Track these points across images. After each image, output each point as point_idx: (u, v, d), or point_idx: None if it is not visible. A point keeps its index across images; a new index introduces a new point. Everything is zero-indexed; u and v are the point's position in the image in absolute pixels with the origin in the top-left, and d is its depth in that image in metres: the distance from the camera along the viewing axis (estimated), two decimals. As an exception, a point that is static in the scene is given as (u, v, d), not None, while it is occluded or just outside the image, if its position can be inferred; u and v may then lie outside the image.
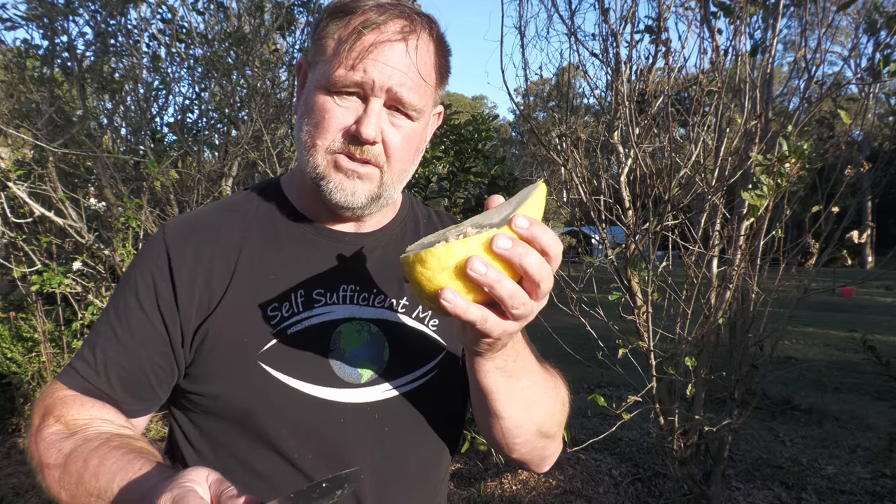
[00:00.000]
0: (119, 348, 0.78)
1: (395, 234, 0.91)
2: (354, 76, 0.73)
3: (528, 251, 0.54)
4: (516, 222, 0.54)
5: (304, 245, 0.84)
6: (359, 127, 0.74)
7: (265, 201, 0.88)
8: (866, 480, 3.38)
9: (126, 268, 0.85)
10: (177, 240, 0.81)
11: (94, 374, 0.78)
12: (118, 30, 3.18)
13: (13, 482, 3.13)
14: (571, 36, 2.79)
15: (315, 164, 0.78)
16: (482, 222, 0.61)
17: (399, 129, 0.78)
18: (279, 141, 3.37)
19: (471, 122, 4.55)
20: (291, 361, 0.78)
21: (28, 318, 3.63)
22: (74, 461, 0.70)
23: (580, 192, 2.68)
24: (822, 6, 2.29)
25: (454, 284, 0.54)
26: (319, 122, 0.76)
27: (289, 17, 3.41)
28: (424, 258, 0.54)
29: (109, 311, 0.81)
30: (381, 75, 0.73)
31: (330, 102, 0.75)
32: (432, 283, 0.54)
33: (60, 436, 0.74)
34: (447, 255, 0.53)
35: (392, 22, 0.74)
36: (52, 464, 0.72)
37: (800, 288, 2.40)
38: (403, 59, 0.74)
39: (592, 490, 3.20)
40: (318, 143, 0.77)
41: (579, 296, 2.64)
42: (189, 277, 0.79)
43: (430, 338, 0.87)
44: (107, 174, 3.04)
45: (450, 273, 0.54)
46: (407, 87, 0.75)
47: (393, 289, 0.86)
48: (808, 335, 8.35)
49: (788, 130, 2.13)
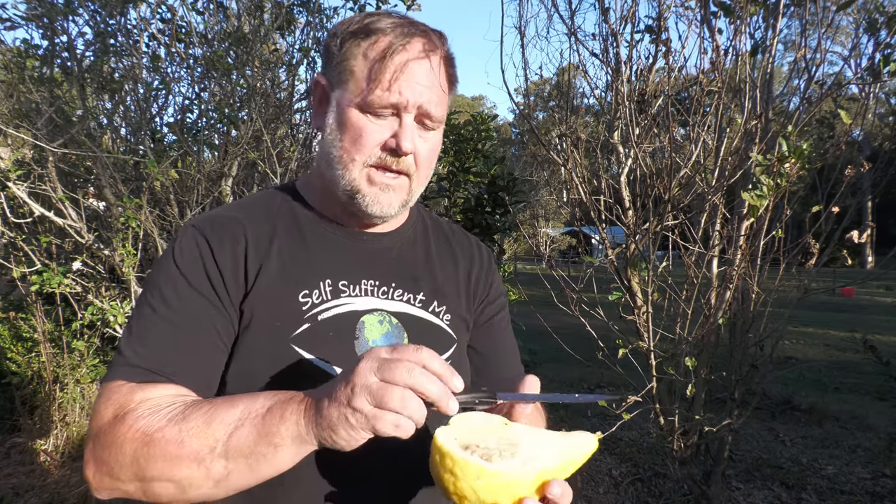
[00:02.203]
0: (182, 333, 0.77)
1: (408, 235, 0.98)
2: (391, 98, 0.80)
3: None
4: (552, 490, 0.61)
5: (326, 242, 0.90)
6: (399, 141, 0.81)
7: (285, 202, 0.93)
8: (866, 480, 3.38)
9: (158, 267, 0.83)
10: (210, 230, 0.84)
11: (162, 365, 0.75)
12: (118, 30, 3.18)
13: (13, 482, 3.12)
14: (571, 36, 2.79)
15: (351, 178, 0.84)
16: (514, 441, 0.64)
17: (426, 140, 0.86)
18: (279, 141, 3.37)
19: (470, 122, 4.55)
20: (321, 345, 0.82)
21: (28, 318, 3.63)
22: (194, 410, 0.67)
23: (580, 192, 2.68)
24: (823, 6, 2.29)
25: (471, 494, 0.60)
26: (357, 138, 0.82)
27: (288, 16, 3.41)
28: (457, 465, 0.59)
29: (151, 305, 0.79)
30: (413, 94, 0.80)
31: (365, 120, 0.81)
32: (455, 486, 0.60)
33: (159, 407, 0.69)
34: (477, 474, 0.58)
35: (415, 42, 0.81)
36: (165, 425, 0.66)
37: (800, 288, 2.40)
38: (429, 76, 0.82)
39: (592, 490, 3.19)
40: (357, 157, 0.83)
41: (579, 296, 2.64)
42: (232, 260, 0.82)
43: (445, 331, 0.93)
44: (106, 174, 3.04)
45: (471, 487, 0.59)
46: (434, 104, 0.83)
47: (409, 285, 0.92)
48: (809, 335, 8.35)
49: (788, 130, 2.13)
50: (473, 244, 1.07)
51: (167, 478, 0.65)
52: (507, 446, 0.62)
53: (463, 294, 0.98)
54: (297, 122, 3.75)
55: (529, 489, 0.60)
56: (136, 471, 0.66)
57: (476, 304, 1.01)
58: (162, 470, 0.65)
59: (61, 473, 3.24)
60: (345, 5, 3.56)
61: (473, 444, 0.62)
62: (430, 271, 0.96)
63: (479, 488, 0.58)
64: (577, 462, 0.64)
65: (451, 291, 0.97)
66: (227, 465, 0.65)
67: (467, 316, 0.98)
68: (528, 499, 0.60)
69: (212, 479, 0.65)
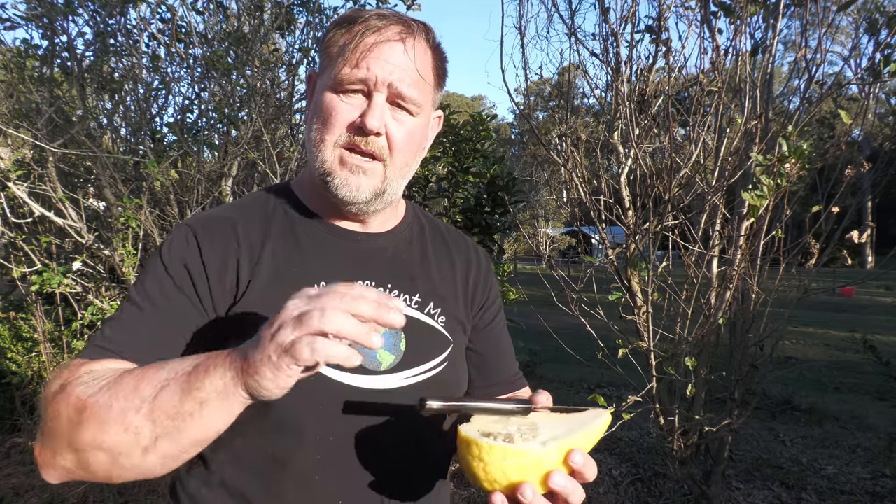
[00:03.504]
0: (149, 319, 0.77)
1: (404, 235, 0.97)
2: (358, 73, 0.79)
3: (577, 488, 0.64)
4: (574, 459, 0.64)
5: (320, 243, 0.88)
6: (364, 119, 0.80)
7: (279, 201, 0.92)
8: (866, 480, 3.38)
9: (145, 261, 0.83)
10: (203, 230, 0.84)
11: (119, 345, 0.75)
12: (118, 30, 3.18)
13: (13, 482, 3.12)
14: (571, 36, 2.79)
15: (323, 159, 0.83)
16: (532, 424, 0.69)
17: (401, 123, 0.83)
18: (279, 141, 3.37)
19: (469, 122, 4.55)
20: None
21: (28, 318, 3.63)
22: (127, 375, 0.65)
23: (580, 192, 2.68)
24: (823, 6, 2.29)
25: (501, 477, 0.63)
26: (327, 118, 0.82)
27: (288, 16, 3.41)
28: (483, 451, 0.63)
29: (131, 296, 0.80)
30: (382, 71, 0.79)
31: (336, 100, 0.82)
32: (485, 472, 0.63)
33: (100, 377, 0.67)
34: (503, 455, 0.62)
35: (391, 26, 0.81)
36: (97, 391, 0.64)
37: (800, 288, 2.40)
38: (402, 57, 0.81)
39: (592, 490, 3.19)
40: (326, 137, 0.82)
41: (579, 296, 2.64)
42: (220, 262, 0.81)
43: (440, 332, 0.92)
44: (106, 174, 3.04)
45: (500, 469, 0.63)
46: (406, 83, 0.81)
47: (405, 286, 0.91)
48: (808, 335, 8.35)
49: (788, 130, 2.13)
50: (470, 246, 1.06)
51: (97, 445, 0.63)
52: (528, 430, 0.67)
53: (461, 297, 0.98)
54: (297, 122, 3.75)
55: (555, 464, 0.63)
56: (70, 439, 0.64)
57: (476, 310, 1.01)
58: (93, 436, 0.62)
59: (61, 473, 3.23)
60: (345, 5, 3.56)
61: (495, 432, 0.66)
62: (426, 272, 0.95)
63: (508, 469, 0.62)
64: (596, 434, 0.68)
65: (447, 293, 0.96)
66: (153, 429, 0.62)
67: (464, 318, 0.97)
68: (555, 471, 0.62)
69: (140, 446, 0.62)
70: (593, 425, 0.68)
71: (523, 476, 0.62)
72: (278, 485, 0.79)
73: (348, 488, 0.81)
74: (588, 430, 0.67)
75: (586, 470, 0.65)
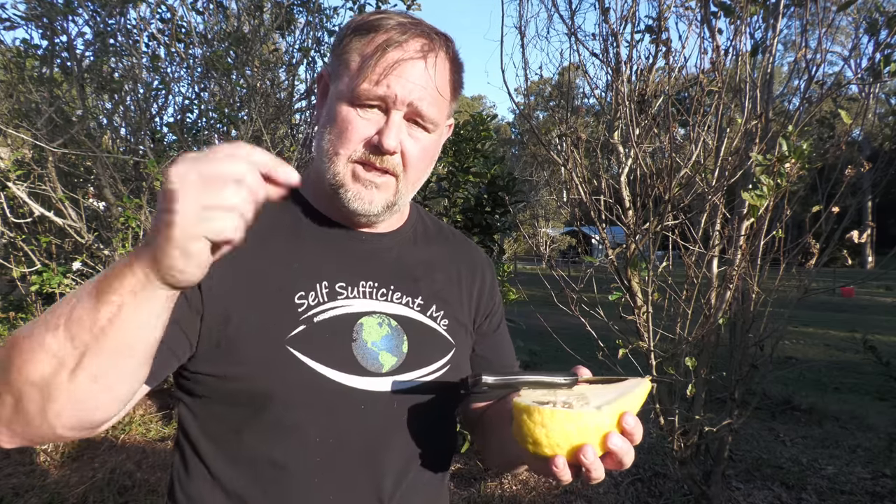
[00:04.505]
0: None
1: (408, 236, 0.96)
2: (378, 91, 0.78)
3: (630, 449, 0.68)
4: (627, 421, 0.67)
5: (324, 241, 0.87)
6: (381, 138, 0.78)
7: (284, 200, 0.89)
8: (866, 480, 3.38)
9: None
10: None
11: None
12: (117, 29, 3.18)
13: (13, 482, 3.12)
14: (572, 36, 2.79)
15: (335, 171, 0.82)
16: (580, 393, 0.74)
17: (417, 140, 0.83)
18: (279, 141, 3.37)
19: (469, 121, 4.54)
20: (318, 347, 0.80)
21: (28, 318, 3.63)
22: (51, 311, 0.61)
23: (580, 192, 2.68)
24: (823, 6, 2.29)
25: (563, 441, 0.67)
26: (343, 132, 0.80)
27: (288, 16, 3.41)
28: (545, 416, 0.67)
29: None
30: (402, 90, 0.78)
31: (353, 114, 0.80)
32: (548, 438, 0.67)
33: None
34: (566, 419, 0.66)
35: (413, 41, 0.79)
36: (27, 327, 0.61)
37: (800, 288, 2.40)
38: (423, 75, 0.80)
39: (592, 490, 3.19)
40: (341, 151, 0.81)
41: (579, 296, 2.64)
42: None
43: (442, 335, 0.92)
44: (106, 174, 3.04)
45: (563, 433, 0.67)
46: (426, 102, 0.80)
47: (408, 287, 0.90)
48: (808, 335, 8.35)
49: (789, 130, 2.13)
50: (475, 252, 1.06)
51: (25, 378, 0.59)
52: (577, 398, 0.70)
53: (465, 300, 0.98)
54: (297, 122, 3.75)
55: (611, 426, 0.67)
56: (4, 382, 0.60)
57: (481, 317, 1.01)
58: (19, 369, 0.59)
59: (61, 473, 3.24)
60: (345, 5, 3.56)
61: (549, 402, 0.69)
62: (429, 275, 0.95)
63: (570, 433, 0.65)
64: (640, 399, 0.72)
65: (451, 296, 0.95)
66: (74, 346, 0.57)
67: (467, 322, 0.97)
68: (612, 433, 0.66)
69: (66, 368, 0.58)
70: (636, 391, 0.72)
71: (584, 438, 0.66)
72: (277, 487, 0.78)
73: (348, 491, 0.81)
74: (633, 395, 0.71)
75: (637, 431, 0.68)
